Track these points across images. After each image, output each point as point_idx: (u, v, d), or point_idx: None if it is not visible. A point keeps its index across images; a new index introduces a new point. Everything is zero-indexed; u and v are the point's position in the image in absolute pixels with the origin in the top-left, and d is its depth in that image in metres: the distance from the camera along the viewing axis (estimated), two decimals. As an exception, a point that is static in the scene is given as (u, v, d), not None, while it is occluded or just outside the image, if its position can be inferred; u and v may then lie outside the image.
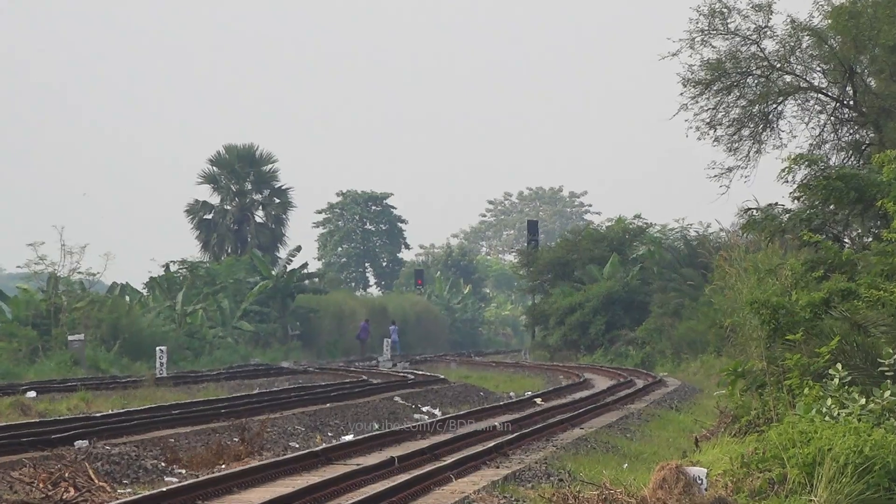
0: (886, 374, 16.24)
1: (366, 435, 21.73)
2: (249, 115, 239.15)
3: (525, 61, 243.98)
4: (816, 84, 35.33)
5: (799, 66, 35.22)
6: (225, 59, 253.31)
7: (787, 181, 23.70)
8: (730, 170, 35.70)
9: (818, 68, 35.27)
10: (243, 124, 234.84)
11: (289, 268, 68.35)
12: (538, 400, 31.30)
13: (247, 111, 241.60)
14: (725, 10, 35.32)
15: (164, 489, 14.48)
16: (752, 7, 35.21)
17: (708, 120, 35.74)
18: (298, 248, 70.37)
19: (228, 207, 75.07)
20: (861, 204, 22.56)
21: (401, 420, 26.99)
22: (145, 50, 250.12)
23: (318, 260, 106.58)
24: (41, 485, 14.94)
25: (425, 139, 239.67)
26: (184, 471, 18.09)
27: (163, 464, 18.45)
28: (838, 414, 14.67)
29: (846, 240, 25.58)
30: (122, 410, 26.32)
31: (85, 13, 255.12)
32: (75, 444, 19.62)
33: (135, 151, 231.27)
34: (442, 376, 41.12)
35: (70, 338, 45.64)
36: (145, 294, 61.44)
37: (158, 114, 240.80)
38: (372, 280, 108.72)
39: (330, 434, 24.01)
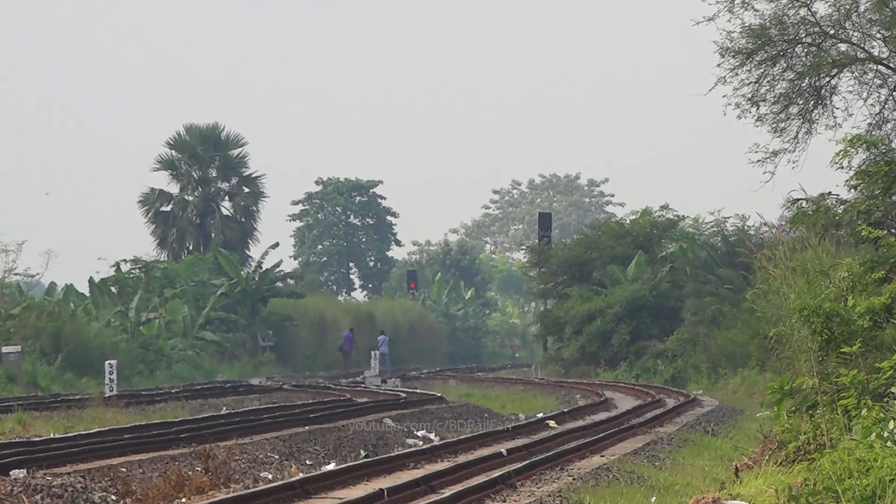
0: (958, 392, 16.26)
1: (350, 463, 21.73)
2: (213, 90, 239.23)
3: (535, 26, 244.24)
4: (876, 54, 35.32)
5: (856, 33, 35.22)
6: (184, 26, 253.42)
7: (843, 167, 23.71)
8: (775, 154, 35.71)
9: (878, 35, 35.27)
10: (206, 101, 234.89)
11: (261, 268, 68.38)
12: (551, 422, 31.33)
13: (210, 85, 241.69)
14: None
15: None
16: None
17: (750, 95, 35.75)
18: (275, 245, 70.40)
19: (189, 198, 75.13)
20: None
21: (391, 446, 27.01)
22: (90, 13, 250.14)
23: (295, 259, 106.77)
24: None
25: (419, 118, 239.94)
26: (138, 505, 18.11)
27: (113, 497, 18.45)
28: (902, 439, 14.68)
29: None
30: (65, 435, 26.32)
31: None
32: (11, 473, 19.61)
33: (79, 131, 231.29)
34: (439, 395, 41.17)
35: (4, 350, 45.64)
36: (92, 298, 61.44)
37: (106, 87, 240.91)
38: (357, 282, 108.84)
39: (308, 463, 24.02)
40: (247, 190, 75.90)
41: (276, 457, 24.10)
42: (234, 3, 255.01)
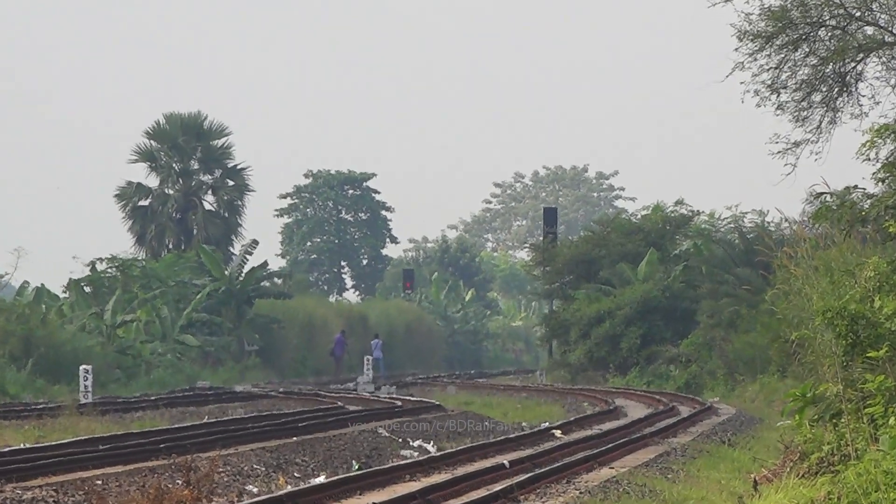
0: None
1: (342, 476, 21.73)
2: (195, 77, 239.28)
3: (539, 10, 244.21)
4: (905, 38, 35.28)
5: (883, 16, 35.18)
6: (163, 9, 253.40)
7: (869, 159, 23.70)
8: (797, 144, 35.65)
9: (907, 18, 35.23)
10: (188, 87, 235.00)
11: (245, 267, 68.41)
12: (557, 432, 31.38)
13: (192, 72, 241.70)
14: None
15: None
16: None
17: (769, 82, 35.69)
18: (255, 243, 70.41)
19: (170, 191, 75.15)
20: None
21: (385, 457, 27.03)
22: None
23: (282, 257, 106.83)
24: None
25: (415, 106, 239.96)
26: (114, 521, 18.11)
27: (87, 512, 18.44)
28: (932, 450, 14.68)
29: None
30: (36, 445, 26.32)
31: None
32: (-22, 487, 19.61)
33: (50, 121, 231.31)
34: (437, 402, 41.24)
35: (-29, 355, 45.66)
36: (65, 299, 61.45)
37: (79, 73, 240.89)
38: (349, 282, 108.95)
39: (297, 475, 24.03)
40: (231, 183, 75.89)
41: (263, 469, 24.11)
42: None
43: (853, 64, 35.34)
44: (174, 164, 75.22)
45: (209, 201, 75.91)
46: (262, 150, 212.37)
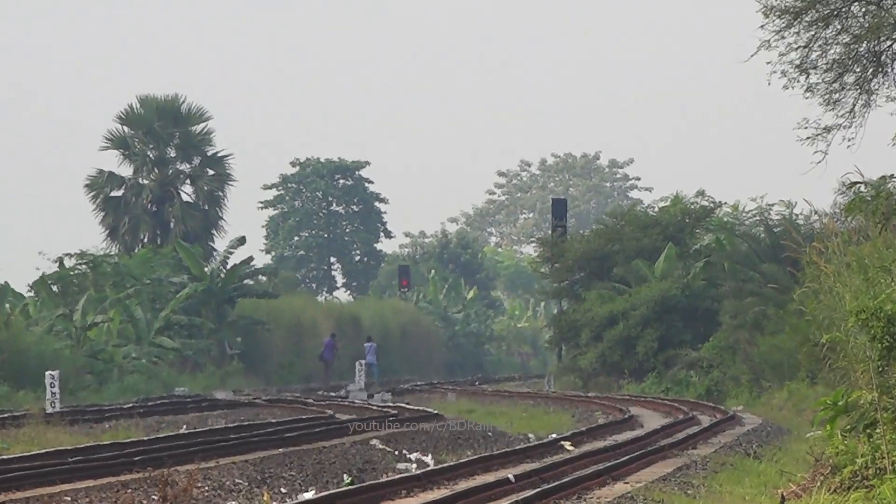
0: None
1: (332, 491, 21.75)
2: (173, 58, 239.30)
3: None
4: (945, 14, 35.30)
5: (922, -11, 35.21)
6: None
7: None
8: (828, 130, 35.69)
9: (948, -8, 35.24)
10: (165, 68, 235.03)
11: (228, 264, 68.43)
12: (567, 444, 31.41)
13: (170, 52, 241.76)
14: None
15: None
16: None
17: (798, 62, 35.73)
18: (241, 240, 70.30)
19: (144, 181, 75.18)
20: None
21: (380, 471, 27.05)
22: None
23: (267, 253, 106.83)
24: None
25: (411, 89, 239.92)
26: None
27: (55, 531, 18.47)
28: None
29: None
30: (-1, 458, 26.35)
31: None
32: (-64, 503, 19.64)
33: (14, 105, 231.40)
34: (436, 411, 41.29)
35: (-72, 359, 45.70)
36: (31, 298, 61.46)
37: (45, 52, 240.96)
38: (340, 280, 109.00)
39: (283, 490, 24.05)
40: (211, 172, 75.89)
41: (246, 483, 24.13)
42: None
43: (889, 42, 35.37)
44: (149, 152, 75.22)
45: (187, 192, 75.97)
46: (246, 136, 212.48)
